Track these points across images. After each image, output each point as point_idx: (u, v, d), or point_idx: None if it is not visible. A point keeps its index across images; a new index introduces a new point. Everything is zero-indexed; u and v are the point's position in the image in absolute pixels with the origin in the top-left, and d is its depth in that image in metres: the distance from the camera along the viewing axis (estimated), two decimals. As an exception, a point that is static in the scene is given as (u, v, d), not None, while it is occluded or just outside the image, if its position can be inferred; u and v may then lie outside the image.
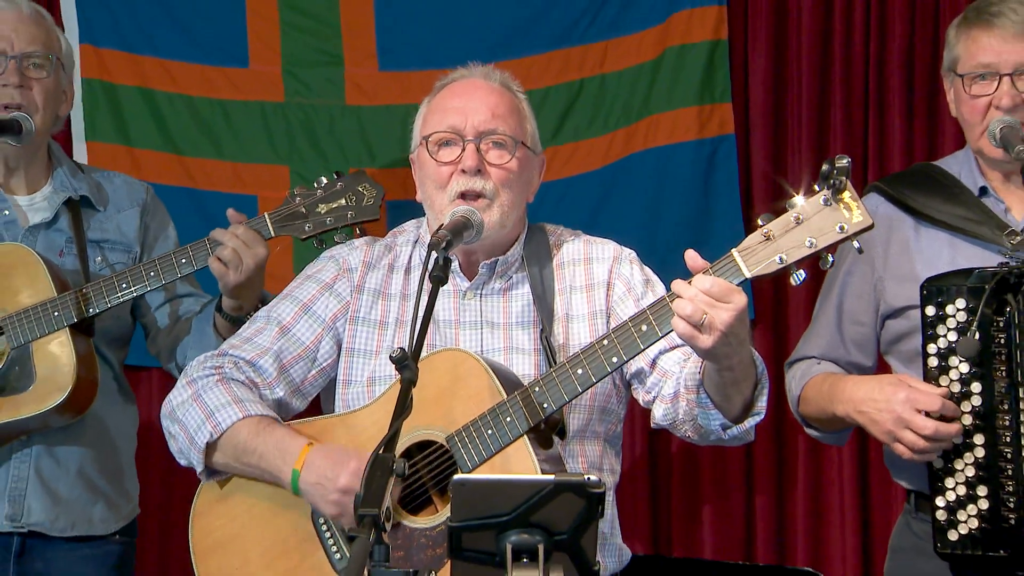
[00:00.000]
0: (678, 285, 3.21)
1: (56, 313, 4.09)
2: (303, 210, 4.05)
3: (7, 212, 4.26)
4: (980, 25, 3.99)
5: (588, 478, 2.90)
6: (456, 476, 2.96)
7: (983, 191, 4.02)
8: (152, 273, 4.10)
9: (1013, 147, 3.83)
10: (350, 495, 3.39)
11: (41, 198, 4.32)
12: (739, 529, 5.37)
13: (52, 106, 4.25)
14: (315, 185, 4.06)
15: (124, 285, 4.11)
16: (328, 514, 3.50)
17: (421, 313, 3.20)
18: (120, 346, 4.38)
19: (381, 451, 3.01)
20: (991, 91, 3.94)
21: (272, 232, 4.07)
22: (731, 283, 3.19)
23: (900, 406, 3.76)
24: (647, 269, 3.75)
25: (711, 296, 3.15)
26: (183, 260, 4.10)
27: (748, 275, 3.22)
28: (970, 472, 3.79)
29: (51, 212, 4.30)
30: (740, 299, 3.17)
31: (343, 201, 4.02)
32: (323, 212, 4.03)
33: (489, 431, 3.41)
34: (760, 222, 3.24)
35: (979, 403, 3.78)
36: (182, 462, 3.70)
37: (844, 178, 3.16)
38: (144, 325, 4.39)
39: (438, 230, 3.43)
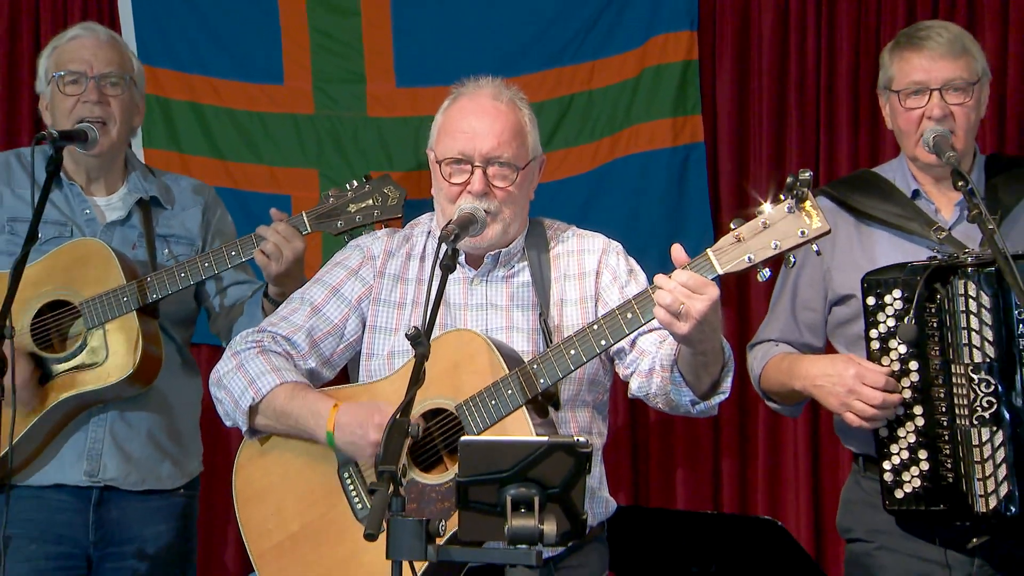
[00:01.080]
0: (660, 279, 3.24)
1: (124, 299, 4.12)
2: (336, 209, 4.09)
3: (87, 211, 4.29)
4: (911, 48, 4.04)
5: (577, 439, 2.95)
6: (463, 438, 3.00)
7: (916, 194, 4.07)
8: (206, 264, 4.14)
9: (944, 153, 3.88)
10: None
11: (117, 199, 4.35)
12: (707, 486, 5.41)
13: (127, 118, 4.29)
14: (347, 187, 4.09)
15: (183, 275, 4.14)
16: (365, 462, 3.56)
17: (433, 297, 3.24)
18: (185, 326, 4.42)
19: (398, 416, 3.05)
20: (923, 104, 3.97)
21: (309, 228, 4.10)
22: (705, 278, 3.22)
23: (851, 380, 3.80)
24: (631, 260, 3.77)
25: (688, 288, 3.19)
26: (232, 252, 4.14)
27: (720, 271, 3.26)
28: (912, 439, 3.83)
29: (125, 211, 4.33)
30: (713, 291, 3.21)
31: (371, 201, 4.06)
32: (353, 211, 4.07)
33: (493, 401, 3.45)
34: (732, 226, 3.29)
35: (917, 379, 3.82)
36: (228, 424, 3.77)
37: (806, 189, 3.20)
38: (206, 309, 4.44)
39: (447, 225, 3.47)
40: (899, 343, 3.82)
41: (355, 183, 4.11)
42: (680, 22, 5.34)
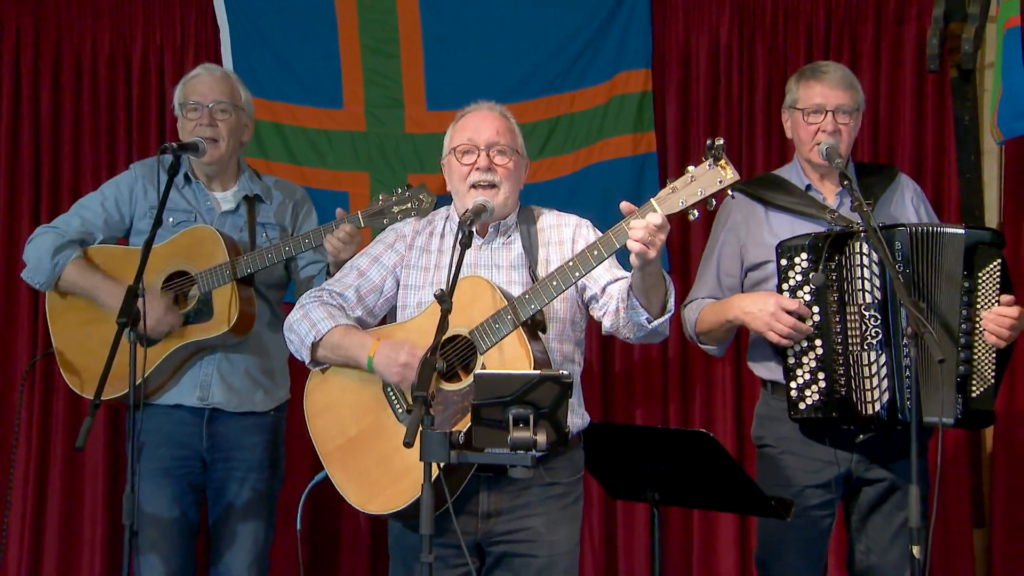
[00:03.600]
0: (636, 220, 3.32)
1: (227, 271, 4.18)
2: (383, 210, 4.11)
3: (208, 203, 4.36)
4: (814, 78, 4.14)
5: (562, 373, 3.04)
6: (477, 371, 3.06)
7: (808, 187, 4.16)
8: (287, 248, 4.20)
9: (833, 160, 4.03)
10: (408, 368, 3.53)
11: (230, 194, 4.40)
12: (658, 409, 5.41)
13: (235, 136, 4.34)
14: (392, 193, 4.12)
15: (269, 255, 4.20)
16: (393, 381, 3.62)
17: (454, 267, 3.36)
18: (277, 290, 4.46)
19: (429, 355, 3.13)
20: (820, 121, 4.08)
21: (362, 223, 4.14)
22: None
23: (773, 307, 3.92)
24: (597, 231, 3.79)
25: (656, 226, 3.27)
26: (306, 240, 4.18)
27: (660, 214, 3.31)
28: (812, 364, 3.94)
29: (235, 204, 4.39)
30: (668, 228, 3.31)
31: (409, 205, 4.08)
32: (396, 211, 4.09)
33: (496, 325, 3.51)
34: (668, 181, 3.35)
35: (819, 319, 3.93)
36: (297, 358, 3.84)
37: (721, 151, 3.29)
38: (294, 281, 4.48)
39: (465, 212, 3.57)
40: (807, 292, 3.91)
41: (399, 190, 4.13)
42: (638, 62, 5.32)
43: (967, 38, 4.74)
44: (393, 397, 3.66)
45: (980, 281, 3.87)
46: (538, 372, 3.07)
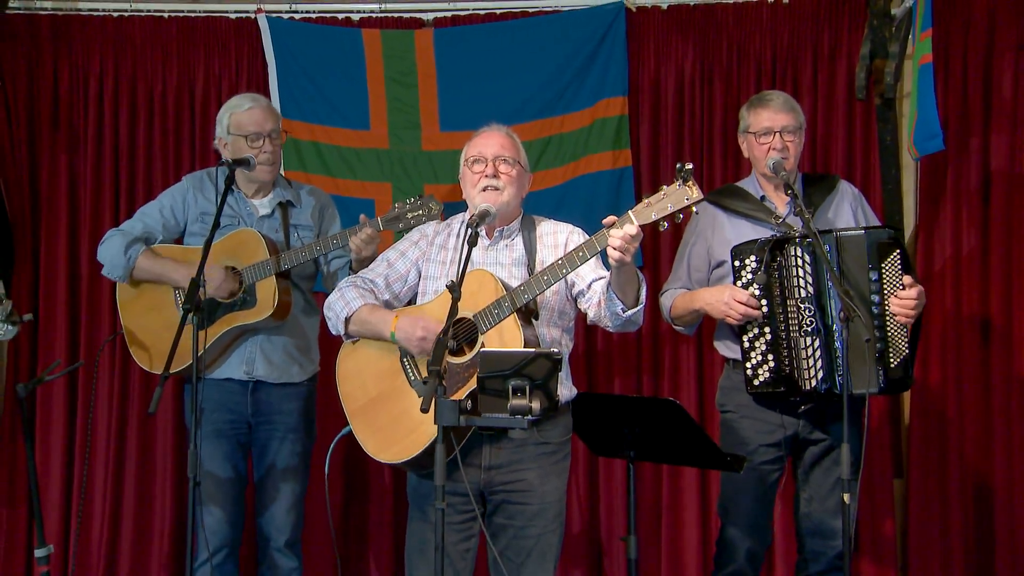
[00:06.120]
0: (615, 230, 3.32)
1: (268, 267, 4.16)
2: (399, 216, 4.08)
3: (248, 209, 4.32)
4: (761, 105, 4.14)
5: (552, 351, 3.04)
6: (483, 349, 3.04)
7: (762, 198, 4.13)
8: (317, 247, 4.17)
9: (780, 172, 4.00)
10: (426, 340, 3.53)
11: (267, 201, 4.36)
12: (633, 382, 5.35)
13: (277, 153, 4.31)
14: (407, 202, 4.09)
15: (303, 253, 4.18)
16: (413, 352, 3.62)
17: (462, 262, 3.33)
18: (309, 280, 4.42)
19: (441, 336, 3.10)
20: (770, 141, 4.05)
21: (381, 227, 4.10)
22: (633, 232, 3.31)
23: (727, 298, 3.90)
24: (585, 236, 3.75)
25: (632, 236, 3.28)
26: (334, 241, 4.15)
27: (636, 223, 3.31)
28: (763, 348, 3.92)
29: (271, 209, 4.35)
30: (641, 237, 3.32)
31: (420, 211, 4.05)
32: (409, 217, 4.07)
33: (496, 311, 3.50)
34: (644, 196, 3.35)
35: (766, 311, 3.89)
36: (333, 332, 3.82)
37: (689, 174, 3.27)
38: (322, 274, 4.44)
39: (471, 216, 3.56)
40: (755, 288, 3.88)
41: (411, 199, 4.10)
42: (617, 90, 5.26)
43: (889, 72, 4.79)
44: (408, 366, 3.64)
45: (885, 270, 3.86)
46: (533, 350, 3.09)
